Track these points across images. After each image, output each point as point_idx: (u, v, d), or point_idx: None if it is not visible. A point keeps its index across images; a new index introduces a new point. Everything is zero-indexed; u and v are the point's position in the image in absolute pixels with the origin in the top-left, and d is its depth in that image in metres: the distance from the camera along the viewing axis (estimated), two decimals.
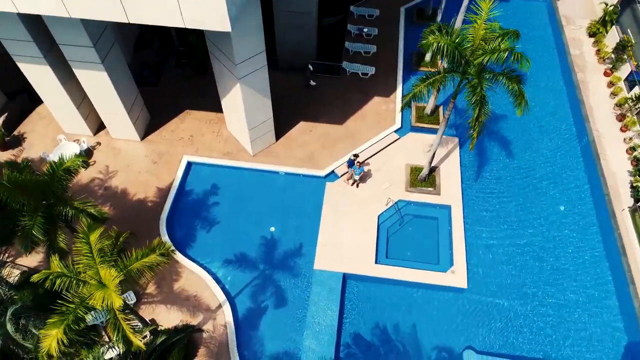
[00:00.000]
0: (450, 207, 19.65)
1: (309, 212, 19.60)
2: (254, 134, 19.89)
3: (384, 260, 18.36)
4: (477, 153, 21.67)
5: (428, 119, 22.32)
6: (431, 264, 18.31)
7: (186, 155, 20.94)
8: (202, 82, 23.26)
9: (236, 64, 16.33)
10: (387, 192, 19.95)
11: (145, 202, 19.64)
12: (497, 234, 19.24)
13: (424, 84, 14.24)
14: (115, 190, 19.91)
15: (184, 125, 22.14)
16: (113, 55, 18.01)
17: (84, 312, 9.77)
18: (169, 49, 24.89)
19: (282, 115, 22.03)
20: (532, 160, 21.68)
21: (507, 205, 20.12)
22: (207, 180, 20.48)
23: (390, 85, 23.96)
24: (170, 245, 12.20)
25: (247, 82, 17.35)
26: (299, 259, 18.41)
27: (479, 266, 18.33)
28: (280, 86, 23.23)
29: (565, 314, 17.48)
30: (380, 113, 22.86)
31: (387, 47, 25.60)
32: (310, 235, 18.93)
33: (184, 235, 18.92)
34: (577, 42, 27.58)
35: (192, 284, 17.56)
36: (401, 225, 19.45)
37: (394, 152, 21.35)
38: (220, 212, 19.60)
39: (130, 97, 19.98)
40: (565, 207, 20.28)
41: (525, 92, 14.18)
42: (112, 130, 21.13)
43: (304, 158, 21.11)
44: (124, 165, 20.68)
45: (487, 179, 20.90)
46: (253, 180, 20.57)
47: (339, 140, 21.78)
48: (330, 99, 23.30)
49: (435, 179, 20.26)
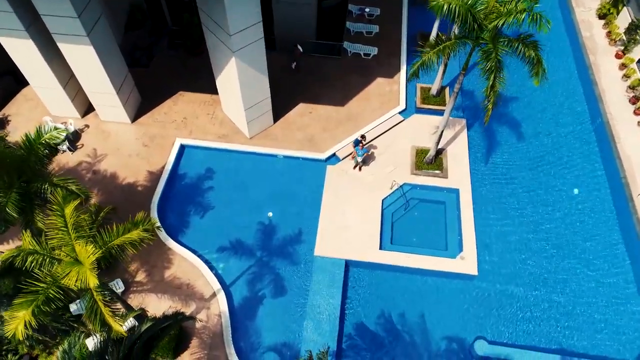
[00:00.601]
0: (459, 190, 18.56)
1: (309, 196, 18.51)
2: (250, 114, 18.79)
3: (389, 247, 17.27)
4: (486, 135, 20.58)
5: (434, 100, 21.22)
6: (439, 250, 17.22)
7: (179, 138, 19.85)
8: (196, 64, 22.14)
9: (231, 35, 15.24)
10: (391, 175, 18.86)
11: (135, 186, 18.53)
12: (508, 219, 18.15)
13: (433, 51, 13.13)
14: (104, 174, 18.81)
15: (177, 108, 21.03)
16: (100, 28, 16.90)
17: (56, 292, 8.68)
18: (162, 30, 23.77)
19: (280, 97, 20.93)
20: (543, 142, 20.60)
21: (518, 189, 19.03)
22: (201, 164, 19.38)
23: (393, 66, 22.87)
24: (156, 220, 11.03)
25: (243, 56, 16.25)
26: (299, 245, 17.32)
27: (489, 252, 17.24)
28: (278, 67, 22.17)
29: (580, 302, 16.40)
30: (384, 94, 21.77)
31: (390, 27, 24.51)
32: (311, 221, 17.84)
33: (176, 221, 17.82)
34: (586, 24, 26.49)
35: (185, 272, 16.46)
36: (407, 210, 18.37)
37: (399, 134, 20.25)
38: (214, 197, 18.50)
39: (119, 76, 18.87)
40: (580, 191, 19.19)
41: (543, 59, 13.07)
42: (101, 112, 20.02)
43: (303, 141, 20.02)
44: (114, 149, 19.57)
45: (497, 162, 19.81)
46: (250, 164, 19.47)
47: (341, 122, 20.68)
48: (331, 80, 22.20)
49: (442, 162, 19.16)
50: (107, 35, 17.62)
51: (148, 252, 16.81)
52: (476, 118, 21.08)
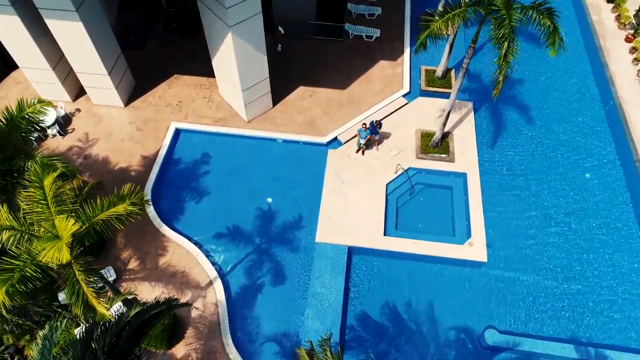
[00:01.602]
0: (466, 174, 17.75)
1: (310, 181, 17.70)
2: (248, 96, 17.98)
3: (394, 233, 16.48)
4: (494, 118, 19.76)
5: (439, 83, 20.40)
6: (446, 236, 16.43)
7: (174, 122, 19.04)
8: (192, 46, 21.35)
9: (227, 8, 14.42)
10: (396, 160, 18.05)
11: (128, 171, 17.73)
12: (518, 204, 17.34)
13: (442, 19, 12.30)
14: (96, 158, 18.00)
15: (172, 91, 20.21)
16: (90, 4, 16.07)
17: (33, 271, 7.89)
18: (157, 12, 22.93)
19: (280, 80, 20.13)
20: (552, 125, 19.77)
21: (528, 173, 18.22)
22: (197, 149, 18.57)
23: (396, 48, 22.04)
24: (144, 194, 10.21)
25: (240, 31, 15.44)
26: (299, 231, 16.53)
27: (499, 238, 16.44)
28: (278, 50, 21.37)
29: (595, 290, 15.60)
30: (387, 77, 20.95)
31: (393, 9, 23.67)
32: (312, 207, 17.04)
33: (171, 207, 17.02)
34: (595, 7, 25.65)
35: (180, 259, 15.67)
36: (412, 195, 17.56)
37: (403, 118, 19.44)
38: (211, 183, 17.70)
39: (111, 56, 18.04)
40: (592, 175, 18.39)
41: (560, 27, 12.26)
42: (92, 95, 19.20)
43: (304, 124, 19.21)
44: (106, 133, 18.76)
45: (506, 145, 18.99)
46: (248, 149, 18.66)
47: (343, 105, 19.87)
48: (332, 62, 21.39)
49: (449, 145, 18.35)
50: (98, 11, 16.79)
51: (141, 238, 16.05)
52: (483, 101, 20.25)
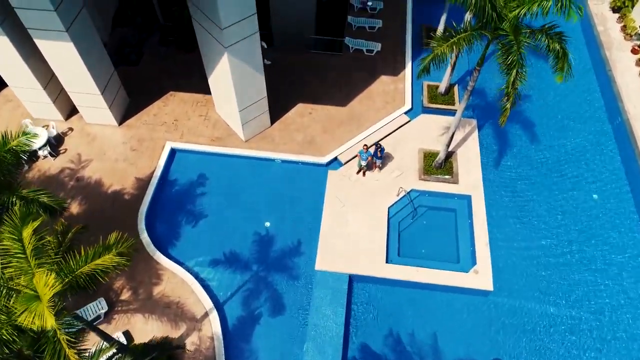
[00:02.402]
0: (470, 197, 17.18)
1: (309, 204, 17.14)
2: (245, 115, 17.41)
3: (396, 259, 15.91)
4: (499, 136, 19.18)
5: (442, 99, 19.82)
6: (450, 263, 15.87)
7: (169, 142, 18.48)
8: (188, 61, 20.74)
9: (222, 29, 13.85)
10: (397, 181, 17.48)
11: (122, 194, 17.17)
12: (525, 228, 16.77)
13: (447, 44, 11.73)
14: (88, 181, 17.45)
15: (168, 109, 19.65)
16: (81, 23, 15.49)
17: (10, 333, 7.32)
18: (153, 26, 22.38)
19: (278, 96, 19.55)
20: (559, 143, 19.20)
21: (535, 194, 17.64)
22: (193, 169, 18.01)
23: (398, 63, 21.47)
24: (133, 241, 9.66)
25: (236, 52, 14.87)
26: (298, 258, 15.97)
27: (505, 265, 15.87)
28: (276, 65, 20.83)
29: (606, 320, 15.02)
30: (388, 93, 20.37)
31: (394, 21, 23.12)
32: (311, 231, 16.48)
33: (166, 232, 16.47)
34: (600, 17, 25.09)
35: (175, 289, 15.10)
36: (414, 219, 16.99)
37: (405, 136, 18.86)
38: (208, 206, 17.14)
39: (104, 75, 17.47)
40: (600, 196, 17.80)
41: (569, 52, 11.68)
42: (85, 114, 18.64)
43: (303, 143, 18.64)
44: (99, 153, 18.20)
45: (511, 165, 18.42)
46: (245, 169, 18.10)
47: (343, 123, 19.30)
48: (332, 77, 20.82)
49: (453, 166, 17.78)
50: (89, 30, 16.22)
51: (135, 266, 15.46)
52: (488, 118, 19.68)
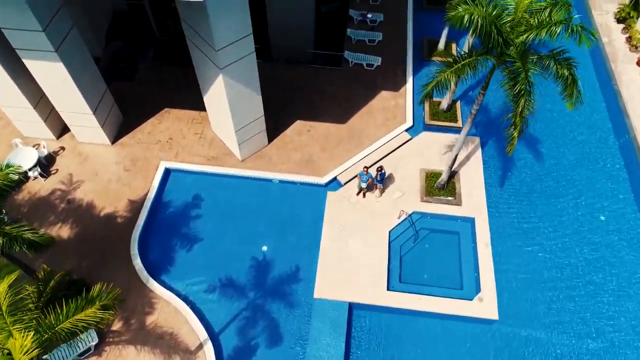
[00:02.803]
0: (474, 219, 16.66)
1: (308, 227, 16.62)
2: (242, 135, 16.90)
3: (398, 286, 15.37)
4: (503, 155, 18.63)
5: (444, 116, 19.31)
6: (454, 290, 15.33)
7: (164, 161, 17.94)
8: (184, 76, 20.19)
9: (217, 50, 13.34)
10: (399, 203, 16.96)
11: (114, 217, 16.63)
12: (531, 252, 16.23)
13: (450, 70, 11.22)
14: (80, 203, 16.91)
15: (162, 126, 19.13)
16: (71, 42, 14.98)
17: None
18: (148, 39, 21.87)
19: (276, 113, 19.06)
20: (566, 161, 18.68)
21: (541, 216, 17.11)
22: (188, 190, 17.48)
23: (399, 77, 20.96)
24: (118, 291, 9.12)
25: (232, 73, 14.36)
26: (297, 285, 15.43)
27: (511, 292, 15.32)
28: (274, 79, 20.33)
29: (620, 352, 14.45)
30: (389, 109, 19.86)
31: (395, 34, 22.61)
32: (310, 256, 15.97)
33: (159, 258, 15.93)
34: (604, 28, 24.60)
35: (168, 319, 14.56)
36: (416, 242, 16.46)
37: (406, 155, 18.34)
38: (203, 229, 16.62)
39: (95, 94, 16.95)
40: (608, 217, 17.26)
41: (579, 79, 11.17)
42: (77, 133, 18.11)
43: (301, 162, 18.12)
44: (91, 174, 17.67)
45: (516, 185, 17.89)
46: (242, 190, 17.58)
47: (342, 141, 18.78)
48: (331, 93, 20.30)
49: (455, 187, 17.26)
50: (80, 49, 15.71)
51: (127, 295, 14.92)
52: (491, 135, 19.17)
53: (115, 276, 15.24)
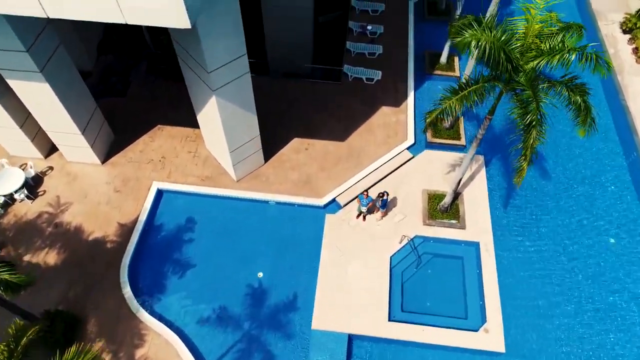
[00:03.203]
0: (479, 244, 16.00)
1: (306, 252, 15.96)
2: (236, 156, 16.23)
3: (399, 315, 14.70)
4: (508, 174, 17.97)
5: (447, 134, 18.65)
6: (458, 319, 14.67)
7: (156, 182, 17.28)
8: (178, 91, 19.44)
9: (209, 72, 12.68)
10: (400, 226, 16.30)
11: (103, 242, 15.95)
12: (539, 279, 15.55)
13: (456, 97, 10.56)
14: (68, 227, 16.23)
15: (155, 144, 18.46)
16: (57, 61, 14.32)
17: None
18: (141, 53, 21.20)
19: (273, 130, 18.42)
20: (573, 181, 18.02)
21: (548, 238, 16.44)
22: (181, 213, 16.82)
23: (400, 92, 20.30)
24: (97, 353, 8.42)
25: (225, 94, 13.69)
26: (294, 314, 14.76)
27: (519, 322, 14.65)
28: (270, 94, 19.70)
29: None
30: (389, 126, 19.20)
31: (395, 47, 21.94)
32: (308, 282, 15.31)
33: (150, 286, 15.25)
34: (610, 39, 23.96)
35: (158, 352, 13.88)
36: (418, 268, 15.79)
37: (408, 175, 17.68)
38: (196, 254, 15.95)
39: (84, 113, 16.28)
40: (617, 240, 16.61)
41: (592, 106, 10.51)
42: (65, 153, 17.44)
43: (298, 182, 17.46)
44: (80, 195, 17.00)
45: (522, 207, 17.22)
46: (237, 212, 16.91)
47: (341, 159, 18.11)
48: (329, 109, 19.64)
49: (459, 209, 16.59)
50: (67, 68, 15.04)
51: (116, 325, 14.29)
52: (495, 153, 18.51)
53: (103, 305, 14.62)
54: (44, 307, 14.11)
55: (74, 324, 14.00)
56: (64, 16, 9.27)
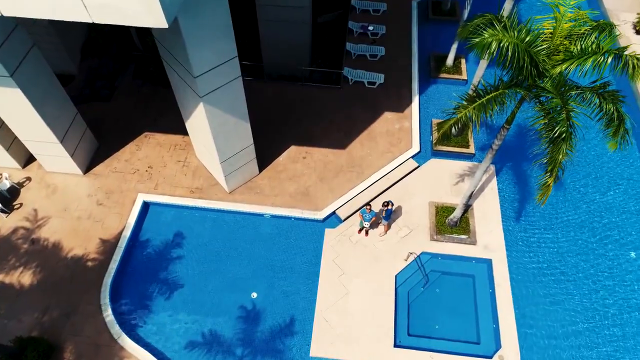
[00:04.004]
0: (491, 261, 14.79)
1: (303, 270, 14.74)
2: (228, 167, 15.00)
3: (406, 340, 13.48)
4: (521, 185, 16.78)
5: (454, 141, 17.44)
6: (469, 345, 13.44)
7: (142, 194, 16.03)
8: (166, 96, 18.25)
9: (195, 77, 11.44)
10: (406, 242, 15.08)
11: (84, 260, 14.68)
12: (558, 298, 14.30)
13: (473, 106, 9.35)
14: (45, 244, 14.96)
15: (142, 153, 17.20)
16: (31, 64, 13.06)
17: None
18: (128, 55, 19.95)
19: (268, 138, 17.21)
20: (592, 191, 16.82)
21: (566, 253, 15.23)
22: (169, 227, 15.58)
23: (404, 97, 19.10)
24: None
25: (214, 101, 12.45)
26: (290, 339, 13.51)
27: (538, 348, 13.42)
28: (266, 100, 18.53)
29: None
30: (393, 133, 17.98)
31: (398, 49, 20.75)
32: (306, 304, 14.08)
33: (134, 308, 13.99)
34: (623, 39, 22.83)
35: None
36: (426, 287, 14.57)
37: (413, 186, 16.47)
38: (184, 272, 14.71)
39: (63, 120, 15.03)
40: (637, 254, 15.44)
41: (627, 116, 9.32)
42: (44, 163, 16.18)
43: (295, 194, 16.23)
44: (60, 209, 15.73)
45: (536, 220, 15.99)
46: (229, 227, 15.68)
47: (342, 170, 16.89)
48: (329, 115, 18.42)
49: (469, 223, 15.38)
50: (43, 72, 13.79)
51: (95, 354, 13.03)
52: (506, 161, 17.30)
53: (82, 331, 13.37)
54: (15, 333, 12.86)
55: (49, 352, 12.73)
56: (18, 14, 8.03)
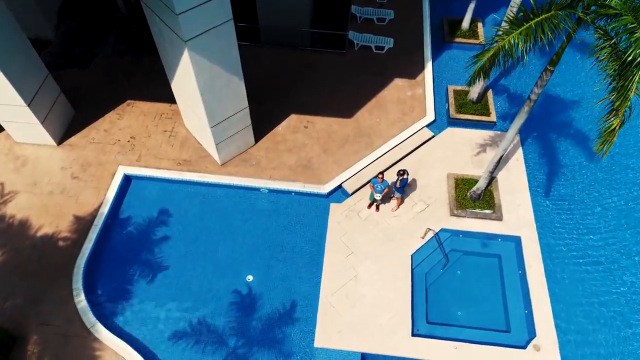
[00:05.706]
0: (520, 238, 12.98)
1: (306, 251, 12.91)
2: (219, 133, 13.15)
3: (424, 328, 11.67)
4: (550, 154, 14.98)
5: (473, 108, 15.61)
6: (498, 333, 11.64)
7: (123, 166, 14.19)
8: (152, 62, 16.48)
9: (177, 14, 9.59)
10: (422, 218, 13.26)
11: (54, 239, 12.83)
12: (597, 278, 12.50)
13: (518, 31, 7.49)
14: (11, 221, 13.11)
15: (124, 122, 15.36)
16: None
17: None
18: (110, 18, 18.10)
19: (265, 105, 15.41)
20: (630, 159, 15.02)
21: (604, 230, 13.41)
22: (153, 204, 13.74)
23: (415, 62, 17.27)
24: None
25: (201, 47, 10.61)
26: (291, 327, 11.69)
27: (578, 335, 11.61)
28: (264, 66, 16.72)
29: None
30: (405, 101, 16.16)
31: (409, 11, 18.94)
32: (308, 289, 12.26)
33: (111, 294, 12.15)
34: None
35: None
36: (445, 268, 12.76)
37: (429, 157, 14.65)
38: (170, 253, 12.87)
39: (31, 80, 13.19)
40: None
41: None
42: (12, 131, 14.33)
43: (296, 167, 14.40)
44: (29, 183, 13.88)
45: (570, 194, 14.17)
46: (221, 202, 13.85)
47: (348, 140, 15.07)
48: (333, 82, 16.60)
49: (494, 196, 13.57)
50: (7, 24, 11.93)
51: (65, 344, 11.23)
52: (533, 130, 15.48)
53: (50, 320, 11.54)
54: None
55: (9, 344, 10.92)
56: None
